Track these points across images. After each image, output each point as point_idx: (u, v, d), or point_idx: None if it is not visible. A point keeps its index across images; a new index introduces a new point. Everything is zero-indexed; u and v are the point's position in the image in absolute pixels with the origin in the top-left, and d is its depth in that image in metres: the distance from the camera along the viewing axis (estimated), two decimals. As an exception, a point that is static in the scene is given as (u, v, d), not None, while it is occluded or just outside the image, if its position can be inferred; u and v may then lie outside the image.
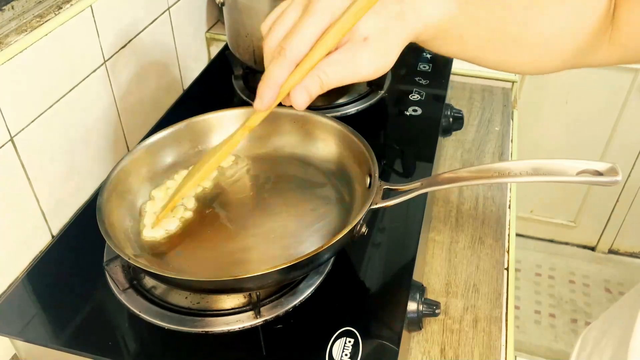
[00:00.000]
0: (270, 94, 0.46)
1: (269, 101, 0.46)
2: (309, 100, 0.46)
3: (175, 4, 0.94)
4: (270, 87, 0.45)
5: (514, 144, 0.94)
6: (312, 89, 0.45)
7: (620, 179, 0.50)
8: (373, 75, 0.46)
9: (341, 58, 0.45)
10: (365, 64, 0.45)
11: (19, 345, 0.58)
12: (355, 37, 0.45)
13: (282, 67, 0.45)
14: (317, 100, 0.86)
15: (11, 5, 0.64)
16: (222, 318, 0.54)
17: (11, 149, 0.63)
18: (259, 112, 0.48)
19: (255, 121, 0.50)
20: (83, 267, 0.61)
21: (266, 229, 0.60)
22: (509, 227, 0.77)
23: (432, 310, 0.58)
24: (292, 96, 0.46)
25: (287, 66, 0.45)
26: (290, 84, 0.45)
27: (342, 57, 0.45)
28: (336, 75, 0.45)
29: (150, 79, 0.90)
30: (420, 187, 0.56)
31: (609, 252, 1.90)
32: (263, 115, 0.49)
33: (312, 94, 0.46)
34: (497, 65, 0.54)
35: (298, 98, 0.45)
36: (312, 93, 0.46)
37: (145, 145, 0.64)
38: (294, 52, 0.44)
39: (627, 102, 1.56)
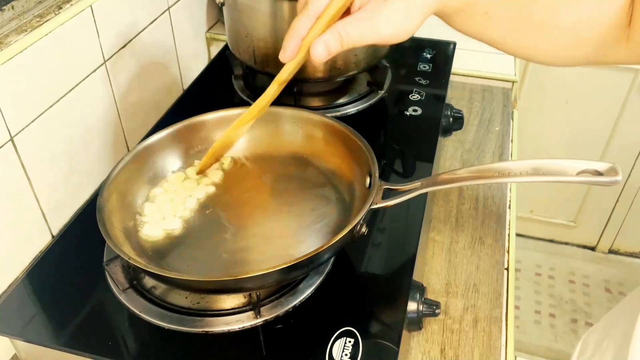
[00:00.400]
0: (292, 45, 0.48)
1: (291, 52, 0.48)
2: (327, 54, 0.47)
3: (175, 4, 0.94)
4: (292, 39, 0.48)
5: (514, 144, 0.94)
6: (332, 44, 0.47)
7: (620, 179, 0.50)
8: (391, 37, 0.47)
9: (362, 16, 0.47)
10: (384, 25, 0.46)
11: (19, 345, 0.58)
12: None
13: (304, 20, 0.47)
14: (317, 101, 0.86)
15: (11, 5, 0.64)
16: (222, 318, 0.54)
17: (11, 149, 0.63)
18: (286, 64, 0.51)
19: (283, 74, 0.52)
20: (83, 267, 0.61)
21: (266, 229, 0.60)
22: (509, 227, 0.77)
23: (432, 310, 0.58)
24: (311, 48, 0.47)
25: (309, 20, 0.47)
26: (311, 36, 0.47)
27: (363, 16, 0.46)
28: (355, 33, 0.46)
29: (150, 79, 0.90)
30: (420, 187, 0.56)
31: (609, 252, 1.90)
32: (290, 67, 0.51)
33: (331, 49, 0.47)
34: (520, 50, 0.55)
35: (317, 50, 0.47)
36: (331, 48, 0.47)
37: (145, 145, 0.64)
38: (315, 6, 0.47)
39: (627, 102, 1.56)
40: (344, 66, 0.78)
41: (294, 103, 0.82)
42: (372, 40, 0.47)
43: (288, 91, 0.81)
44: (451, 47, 0.99)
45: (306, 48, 0.48)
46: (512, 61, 1.06)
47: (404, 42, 0.51)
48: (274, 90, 0.55)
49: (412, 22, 0.47)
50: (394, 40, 0.48)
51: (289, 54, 0.49)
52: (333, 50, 0.47)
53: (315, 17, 0.47)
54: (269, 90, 0.55)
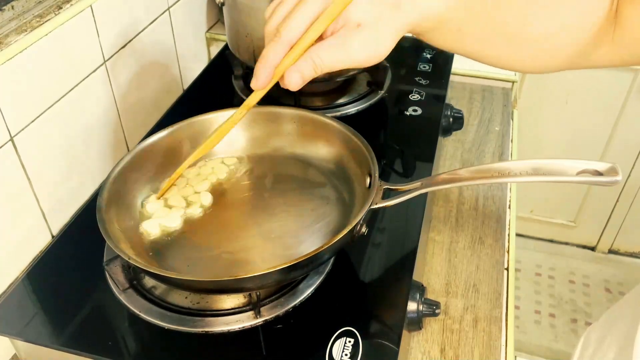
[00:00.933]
0: (265, 73, 0.47)
1: (264, 81, 0.48)
2: (301, 82, 0.47)
3: (175, 4, 0.94)
4: (265, 68, 0.47)
5: (514, 144, 0.94)
6: (305, 71, 0.47)
7: (620, 179, 0.50)
8: (365, 61, 0.47)
9: (334, 43, 0.47)
10: (357, 50, 0.47)
11: (19, 345, 0.58)
12: (349, 24, 0.46)
13: (277, 48, 0.47)
14: (317, 101, 0.86)
15: (11, 5, 0.64)
16: (222, 318, 0.54)
17: (11, 149, 0.63)
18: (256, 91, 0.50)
19: (253, 100, 0.52)
20: (83, 267, 0.61)
21: (266, 229, 0.60)
22: (509, 227, 0.77)
23: (432, 310, 0.58)
24: (285, 77, 0.47)
25: (282, 48, 0.47)
26: (284, 65, 0.47)
27: (335, 42, 0.46)
28: (329, 59, 0.47)
29: (150, 79, 0.90)
30: (420, 187, 0.56)
31: (609, 252, 1.90)
32: (260, 94, 0.50)
33: (305, 76, 0.47)
34: (497, 61, 0.54)
35: (291, 79, 0.47)
36: (305, 75, 0.47)
37: (145, 145, 0.64)
38: (289, 35, 0.46)
39: (627, 102, 1.56)
40: (344, 66, 0.78)
41: (294, 103, 0.82)
42: (345, 65, 0.47)
43: (288, 91, 0.82)
44: (451, 47, 0.99)
45: (279, 76, 0.48)
46: (512, 61, 1.06)
47: (404, 42, 0.51)
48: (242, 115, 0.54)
49: (384, 46, 0.48)
50: (368, 63, 0.48)
51: (262, 82, 0.48)
52: (307, 78, 0.47)
53: (288, 45, 0.47)
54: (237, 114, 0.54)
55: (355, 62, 0.47)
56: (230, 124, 0.55)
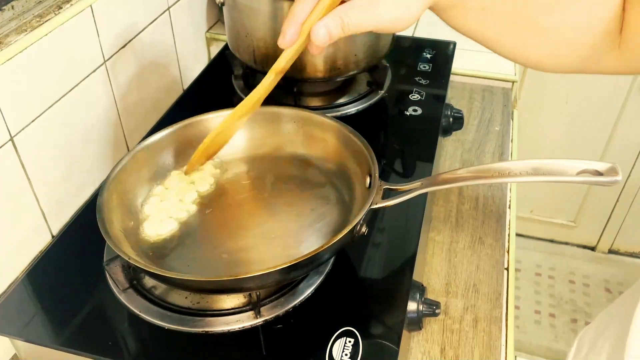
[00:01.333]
0: (292, 30, 0.47)
1: (291, 37, 0.48)
2: (328, 38, 0.47)
3: (175, 4, 0.94)
4: (292, 24, 0.47)
5: (514, 144, 0.94)
6: (333, 28, 0.46)
7: (620, 179, 0.50)
8: (391, 25, 0.47)
9: (362, 2, 0.47)
10: (385, 11, 0.47)
11: (19, 345, 0.58)
12: None
13: (303, 4, 0.47)
14: (317, 101, 0.86)
15: (11, 5, 0.64)
16: (222, 318, 0.54)
17: (11, 149, 0.63)
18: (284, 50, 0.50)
19: (280, 62, 0.51)
20: (83, 267, 0.61)
21: (266, 229, 0.60)
22: (509, 227, 0.77)
23: (432, 310, 0.58)
24: (312, 32, 0.47)
25: (308, 3, 0.47)
26: (311, 21, 0.47)
27: (364, 2, 0.47)
28: (357, 18, 0.46)
29: (150, 79, 0.90)
30: (420, 187, 0.56)
31: (609, 252, 1.90)
32: (288, 54, 0.50)
33: (332, 33, 0.47)
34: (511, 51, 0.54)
35: (318, 34, 0.46)
36: (332, 32, 0.47)
37: (145, 145, 0.64)
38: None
39: (627, 102, 1.56)
40: (344, 66, 0.78)
41: (294, 103, 0.82)
42: (372, 26, 0.47)
43: (288, 91, 0.82)
44: (451, 47, 0.99)
45: (306, 33, 0.48)
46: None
47: (404, 42, 0.51)
48: (271, 81, 0.54)
49: (411, 13, 0.48)
50: (393, 28, 0.48)
51: (289, 39, 0.48)
52: (334, 35, 0.47)
53: (314, 2, 0.47)
54: (265, 80, 0.54)
55: (381, 24, 0.47)
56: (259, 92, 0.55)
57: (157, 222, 0.60)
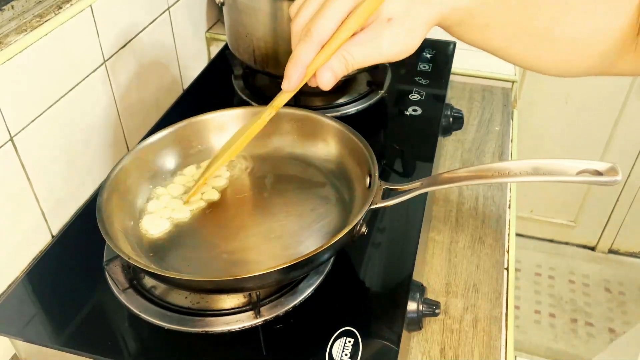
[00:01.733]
0: (297, 74, 0.47)
1: (296, 81, 0.48)
2: (334, 80, 0.47)
3: (175, 4, 0.94)
4: (298, 68, 0.47)
5: (514, 144, 0.94)
6: (338, 69, 0.47)
7: (620, 179, 0.50)
8: (396, 56, 0.48)
9: (365, 38, 0.47)
10: (388, 45, 0.47)
11: (19, 345, 0.58)
12: (379, 18, 0.46)
13: (309, 48, 0.46)
14: (317, 101, 0.86)
15: (11, 5, 0.64)
16: (222, 318, 0.54)
17: (11, 149, 0.63)
18: (286, 92, 0.50)
19: (282, 101, 0.52)
20: (83, 267, 0.61)
21: (266, 229, 0.60)
22: (509, 227, 0.77)
23: (432, 310, 0.58)
24: (318, 76, 0.47)
25: (314, 47, 0.46)
26: (316, 64, 0.47)
27: (366, 38, 0.47)
28: (360, 55, 0.47)
29: (150, 79, 0.90)
30: (420, 187, 0.56)
31: (609, 252, 1.90)
32: (290, 95, 0.51)
33: (337, 74, 0.47)
34: (522, 61, 0.54)
35: (324, 78, 0.47)
36: (337, 73, 0.47)
37: (145, 145, 0.64)
38: (321, 34, 0.46)
39: (627, 102, 1.56)
40: (344, 66, 0.78)
41: (294, 103, 0.82)
42: (376, 61, 0.48)
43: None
44: (451, 47, 0.99)
45: (310, 76, 0.48)
46: (512, 61, 1.06)
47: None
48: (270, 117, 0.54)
49: (415, 39, 0.48)
50: (398, 57, 0.48)
51: (294, 83, 0.48)
52: (339, 75, 0.47)
53: (320, 45, 0.47)
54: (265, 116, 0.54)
55: (386, 57, 0.47)
56: (257, 126, 0.55)
57: (157, 223, 0.60)
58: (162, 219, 0.60)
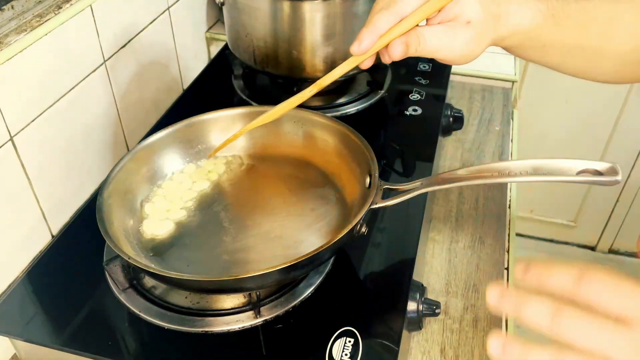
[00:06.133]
0: (369, 40, 0.48)
1: (367, 45, 0.49)
2: (404, 54, 0.49)
3: (175, 4, 0.94)
4: (371, 33, 0.48)
5: (514, 144, 0.94)
6: (411, 46, 0.48)
7: (620, 179, 0.50)
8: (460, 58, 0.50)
9: (443, 29, 0.49)
10: (460, 43, 0.49)
11: (19, 345, 0.58)
12: (460, 18, 0.49)
13: (388, 17, 0.48)
14: (317, 101, 0.86)
15: (11, 5, 0.64)
16: (222, 318, 0.54)
17: (11, 148, 0.63)
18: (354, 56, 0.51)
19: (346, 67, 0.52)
20: (83, 267, 0.61)
21: (266, 229, 0.60)
22: (509, 227, 0.77)
23: (432, 310, 0.58)
24: (391, 46, 0.49)
25: (393, 18, 0.48)
26: (390, 36, 0.48)
27: (444, 29, 0.49)
28: (433, 43, 0.49)
29: (150, 79, 0.90)
30: (420, 187, 0.56)
31: (609, 252, 1.90)
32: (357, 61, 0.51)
33: (409, 50, 0.49)
34: (578, 73, 0.57)
35: (397, 49, 0.48)
36: (410, 49, 0.48)
37: (145, 145, 0.64)
38: (404, 6, 0.48)
39: (627, 102, 1.56)
40: (344, 66, 0.78)
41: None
42: (443, 54, 0.50)
43: (288, 91, 0.82)
44: (451, 47, 0.99)
45: (380, 46, 0.49)
46: (512, 61, 1.06)
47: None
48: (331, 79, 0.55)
49: (480, 49, 0.51)
50: (459, 61, 0.51)
51: (365, 47, 0.49)
52: (410, 52, 0.49)
53: (399, 17, 0.48)
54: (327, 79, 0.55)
55: (452, 54, 0.50)
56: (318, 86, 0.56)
57: (157, 222, 0.60)
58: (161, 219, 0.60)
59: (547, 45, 0.53)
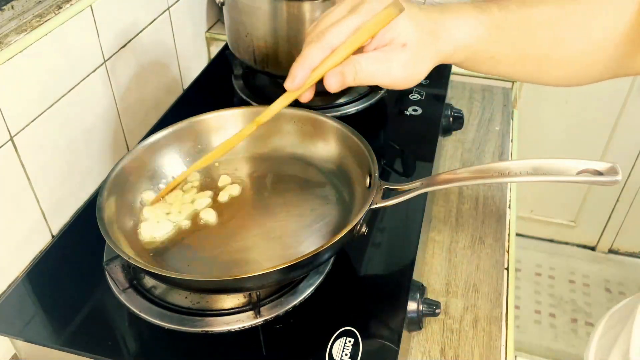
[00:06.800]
0: (302, 74, 0.48)
1: (299, 81, 0.48)
2: (341, 85, 0.48)
3: (175, 4, 0.94)
4: (303, 68, 0.48)
5: (514, 144, 0.94)
6: (347, 75, 0.47)
7: (620, 179, 0.51)
8: (401, 80, 0.49)
9: (378, 55, 0.48)
10: (398, 67, 0.48)
11: (19, 345, 0.58)
12: (395, 42, 0.48)
13: (319, 50, 0.47)
14: (317, 101, 0.86)
15: (11, 5, 0.64)
16: (222, 318, 0.54)
17: (11, 148, 0.63)
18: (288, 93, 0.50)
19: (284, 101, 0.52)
20: (83, 267, 0.61)
21: (266, 229, 0.60)
22: (509, 227, 0.77)
23: (432, 310, 0.58)
24: (326, 78, 0.48)
25: (323, 51, 0.47)
26: (323, 69, 0.47)
27: (379, 56, 0.48)
28: (370, 70, 0.48)
29: (150, 79, 0.90)
30: (420, 187, 0.56)
31: (609, 252, 1.90)
32: (291, 97, 0.51)
33: (345, 80, 0.48)
34: (532, 79, 0.56)
35: (332, 80, 0.47)
36: (346, 79, 0.48)
37: (145, 145, 0.64)
38: (332, 39, 0.47)
39: (627, 102, 1.56)
40: (344, 66, 0.78)
41: (294, 103, 0.82)
42: (381, 80, 0.49)
43: (286, 91, 0.82)
44: (451, 47, 0.99)
45: (313, 80, 0.48)
46: (512, 61, 1.06)
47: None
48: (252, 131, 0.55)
49: (421, 70, 0.50)
50: (400, 85, 0.50)
51: (298, 82, 0.48)
52: (346, 82, 0.48)
53: (330, 49, 0.47)
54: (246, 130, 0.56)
55: (391, 79, 0.49)
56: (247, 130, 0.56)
57: (155, 225, 0.60)
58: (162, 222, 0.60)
59: (495, 56, 0.52)
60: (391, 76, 0.49)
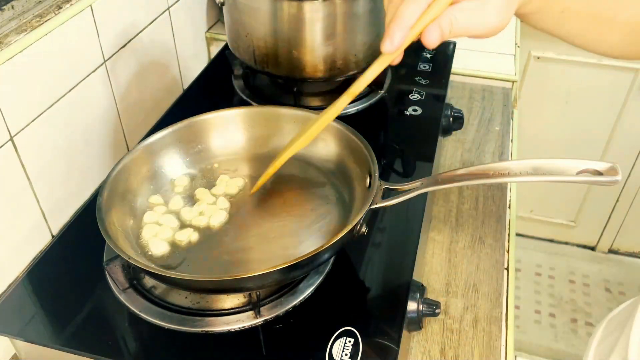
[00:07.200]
0: (401, 34, 0.46)
1: (399, 41, 0.46)
2: (439, 39, 0.46)
3: (175, 4, 0.94)
4: (402, 27, 0.46)
5: (514, 144, 0.94)
6: (445, 29, 0.46)
7: (620, 179, 0.50)
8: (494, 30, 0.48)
9: (472, 6, 0.47)
10: (492, 15, 0.47)
11: (19, 345, 0.58)
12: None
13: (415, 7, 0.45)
14: (317, 101, 0.86)
15: (11, 5, 0.64)
16: (222, 318, 0.54)
17: (11, 149, 0.63)
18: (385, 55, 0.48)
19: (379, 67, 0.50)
20: (83, 267, 0.61)
21: (266, 229, 0.60)
22: (509, 227, 0.77)
23: (432, 310, 0.58)
24: (425, 34, 0.46)
25: (419, 7, 0.46)
26: (422, 24, 0.46)
27: (473, 5, 0.47)
28: (465, 21, 0.47)
29: (150, 79, 0.90)
30: (420, 187, 0.56)
31: (609, 252, 1.90)
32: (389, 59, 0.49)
33: (444, 34, 0.46)
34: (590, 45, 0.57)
35: (432, 36, 0.46)
36: (444, 32, 0.46)
37: (145, 145, 0.64)
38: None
39: (627, 102, 1.56)
40: (344, 66, 0.78)
41: (294, 103, 0.82)
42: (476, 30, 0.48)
43: (288, 91, 0.82)
44: (451, 47, 0.99)
45: (412, 38, 0.46)
46: (512, 61, 1.06)
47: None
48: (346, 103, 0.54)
49: (509, 16, 0.49)
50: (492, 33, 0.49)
51: (398, 42, 0.46)
52: (445, 36, 0.46)
53: (426, 4, 0.46)
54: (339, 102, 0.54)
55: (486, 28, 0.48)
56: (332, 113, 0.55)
57: (157, 243, 0.59)
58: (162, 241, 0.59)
59: (566, 11, 0.53)
60: (485, 25, 0.48)
